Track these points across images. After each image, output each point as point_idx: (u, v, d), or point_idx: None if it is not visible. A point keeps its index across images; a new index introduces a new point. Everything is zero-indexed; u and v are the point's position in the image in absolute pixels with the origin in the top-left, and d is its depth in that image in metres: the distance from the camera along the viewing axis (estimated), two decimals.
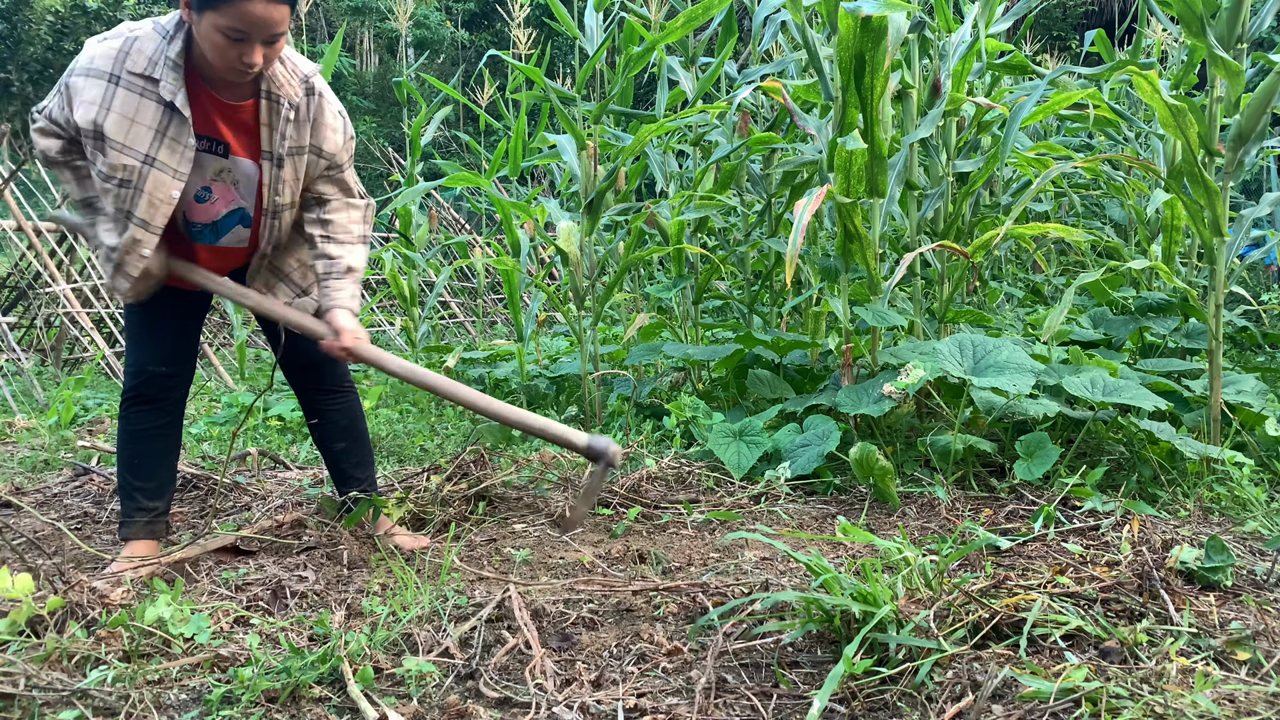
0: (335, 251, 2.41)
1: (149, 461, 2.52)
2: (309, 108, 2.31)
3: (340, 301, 2.39)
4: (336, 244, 2.42)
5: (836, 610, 1.82)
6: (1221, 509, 2.76)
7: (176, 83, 2.16)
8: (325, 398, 2.66)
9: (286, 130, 2.29)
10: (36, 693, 1.66)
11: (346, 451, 2.70)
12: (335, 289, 2.40)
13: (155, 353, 2.46)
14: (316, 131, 2.34)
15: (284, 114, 2.28)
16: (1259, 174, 8.10)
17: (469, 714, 1.66)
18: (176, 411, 2.55)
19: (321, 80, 2.36)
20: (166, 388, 2.49)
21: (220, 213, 2.36)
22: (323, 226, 2.43)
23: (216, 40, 2.08)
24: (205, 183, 2.31)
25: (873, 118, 3.18)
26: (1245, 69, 2.99)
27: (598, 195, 4.02)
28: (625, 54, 4.21)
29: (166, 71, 2.15)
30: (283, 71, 2.27)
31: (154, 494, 2.52)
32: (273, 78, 2.25)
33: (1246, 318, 5.58)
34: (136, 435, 2.50)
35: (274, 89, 2.26)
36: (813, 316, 4.21)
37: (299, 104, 2.29)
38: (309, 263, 2.54)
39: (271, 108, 2.27)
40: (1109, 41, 4.79)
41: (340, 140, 2.38)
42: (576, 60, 4.42)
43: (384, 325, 8.28)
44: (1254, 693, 1.57)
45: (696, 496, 3.08)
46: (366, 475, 2.74)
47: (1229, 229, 3.11)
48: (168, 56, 2.16)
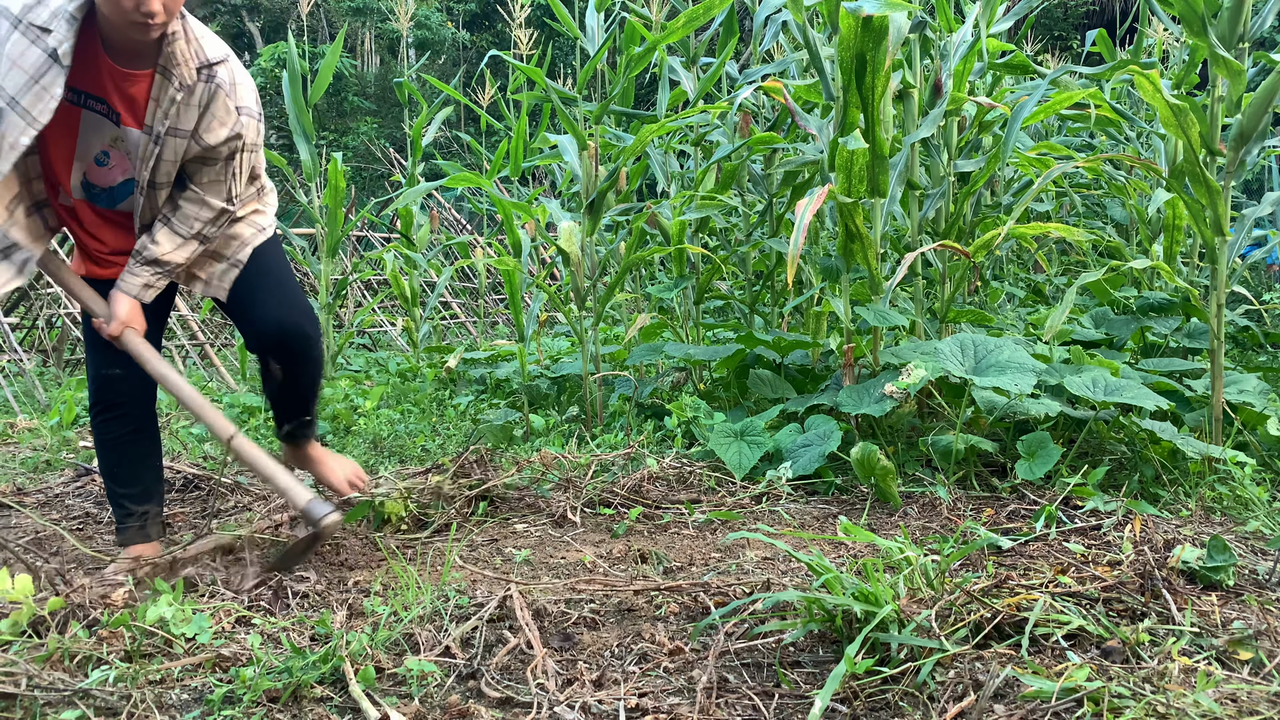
0: (160, 237, 2.34)
1: (128, 468, 2.48)
2: (202, 94, 2.24)
3: (128, 287, 2.34)
4: (168, 231, 2.35)
5: (838, 610, 1.82)
6: (1223, 508, 2.76)
7: (66, 34, 2.11)
8: (291, 363, 2.54)
9: (170, 110, 2.23)
10: (38, 693, 1.67)
11: (295, 394, 2.60)
12: (129, 271, 2.35)
13: (106, 354, 2.42)
14: (203, 120, 2.26)
15: (171, 93, 2.22)
16: (1260, 173, 8.09)
17: (470, 714, 1.66)
18: (142, 415, 2.50)
19: (229, 71, 2.28)
20: (121, 391, 2.45)
21: (117, 179, 2.34)
22: (171, 207, 2.36)
23: None
24: (104, 147, 2.29)
25: (874, 117, 3.18)
26: (1247, 68, 2.99)
27: (599, 195, 4.02)
28: (626, 54, 4.21)
29: (60, 23, 2.12)
30: (183, 50, 2.22)
31: (140, 498, 2.49)
32: (172, 54, 2.20)
33: (1248, 317, 5.57)
34: (109, 444, 2.47)
35: (170, 65, 2.21)
36: (814, 316, 4.20)
37: (190, 86, 2.23)
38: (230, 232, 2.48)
39: (163, 84, 2.22)
40: (1110, 41, 4.79)
41: (224, 134, 2.29)
42: (577, 61, 4.42)
43: (385, 325, 8.29)
44: (1256, 692, 1.56)
45: (698, 496, 3.08)
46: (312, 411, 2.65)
47: (1230, 228, 3.11)
48: (66, 10, 2.12)
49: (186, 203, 2.36)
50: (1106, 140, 5.99)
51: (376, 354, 7.01)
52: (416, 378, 5.54)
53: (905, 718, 1.58)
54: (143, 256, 2.35)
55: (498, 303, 9.51)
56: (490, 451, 3.22)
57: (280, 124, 14.85)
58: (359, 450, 3.96)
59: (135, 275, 2.35)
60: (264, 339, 2.49)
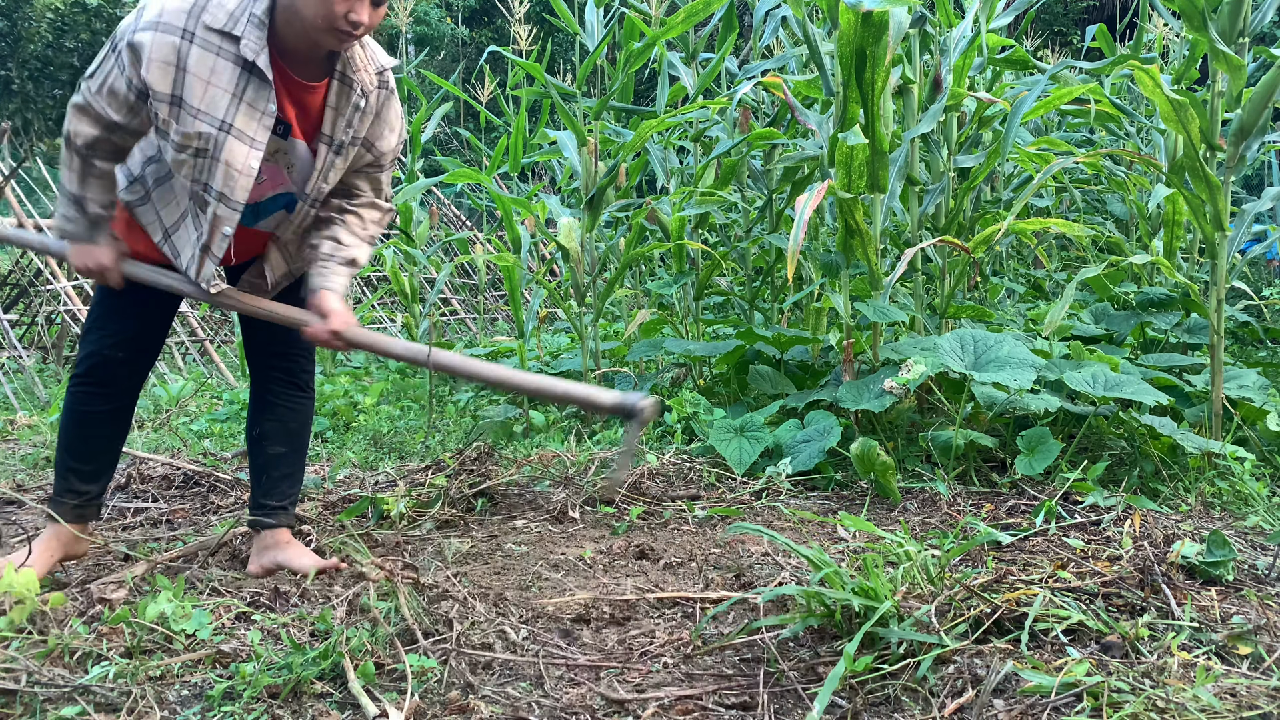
0: (346, 239, 2.28)
1: (90, 444, 2.36)
2: (378, 100, 2.19)
3: (332, 284, 2.24)
4: (350, 233, 2.29)
5: (838, 605, 1.82)
6: (1223, 504, 2.76)
7: (260, 42, 1.99)
8: (286, 391, 2.47)
9: (354, 118, 2.17)
10: (38, 689, 1.67)
11: (282, 459, 2.48)
12: (332, 272, 2.25)
13: (115, 337, 2.29)
14: (376, 127, 2.22)
15: (354, 100, 2.15)
16: (1260, 169, 8.09)
17: (470, 710, 1.66)
18: (127, 398, 2.38)
19: (393, 77, 2.24)
20: (119, 374, 2.32)
21: (265, 194, 2.22)
22: (342, 215, 2.30)
23: None
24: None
25: (874, 113, 3.18)
26: (1247, 63, 2.99)
27: (598, 191, 4.02)
28: (626, 50, 4.21)
29: (250, 29, 1.98)
30: (361, 56, 2.15)
31: (89, 477, 2.36)
32: (350, 60, 2.12)
33: (1248, 313, 5.57)
34: (81, 416, 2.33)
35: (350, 72, 2.13)
36: (814, 312, 4.20)
37: (371, 93, 2.17)
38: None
39: (343, 91, 2.14)
40: (1110, 36, 4.78)
41: (394, 142, 2.28)
42: (577, 56, 4.42)
43: (385, 322, 8.29)
44: (1255, 687, 1.57)
45: (698, 492, 3.08)
46: (293, 492, 2.50)
47: (1230, 224, 3.10)
48: (253, 13, 1.99)
49: (361, 208, 2.31)
50: (1106, 136, 5.99)
51: None
52: (416, 374, 5.54)
53: (905, 712, 1.58)
54: (339, 258, 2.26)
55: (497, 299, 9.51)
56: (490, 448, 3.22)
57: None
58: (359, 446, 3.96)
59: (339, 275, 2.26)
60: (270, 346, 2.43)
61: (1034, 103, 3.36)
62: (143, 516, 3.02)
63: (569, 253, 4.00)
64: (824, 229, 4.40)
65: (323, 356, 5.95)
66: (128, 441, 3.79)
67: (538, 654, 1.89)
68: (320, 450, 3.96)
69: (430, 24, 17.88)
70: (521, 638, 1.97)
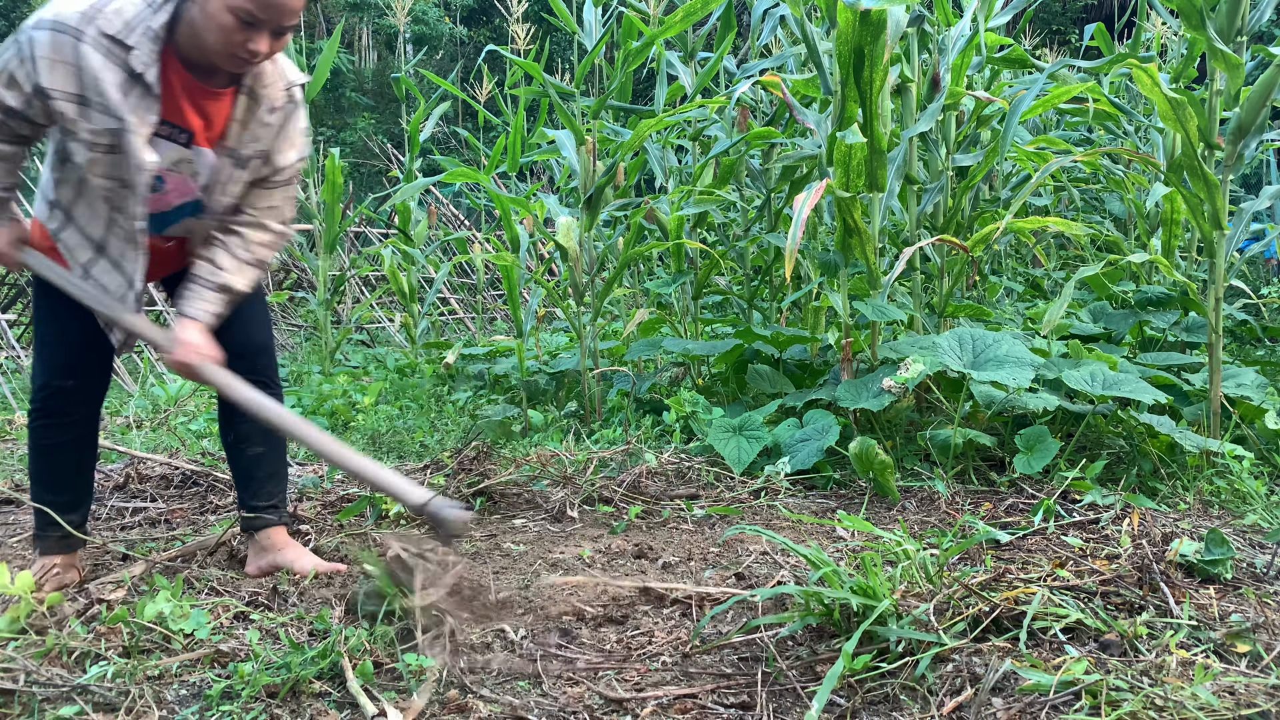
0: (224, 263, 2.22)
1: (60, 476, 2.36)
2: (284, 115, 2.18)
3: (194, 313, 2.19)
4: (230, 256, 2.23)
5: (836, 604, 1.82)
6: (1221, 502, 2.76)
7: (151, 56, 1.98)
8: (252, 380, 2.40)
9: (260, 133, 2.15)
10: (36, 688, 1.66)
11: (262, 459, 2.46)
12: (198, 298, 2.21)
13: (59, 365, 2.30)
14: (279, 141, 2.19)
15: (260, 115, 2.14)
16: (1258, 168, 8.09)
17: (468, 709, 1.66)
18: (87, 426, 2.38)
19: (301, 93, 2.22)
20: (71, 402, 2.32)
21: (172, 204, 2.20)
22: (226, 235, 2.24)
23: (225, 21, 1.92)
24: (160, 171, 2.13)
25: (872, 112, 3.18)
26: (1245, 62, 2.99)
27: (597, 191, 4.02)
28: (624, 49, 4.20)
29: (144, 41, 1.97)
30: (271, 71, 2.14)
31: (67, 508, 2.34)
32: (260, 74, 2.11)
33: (1246, 311, 5.57)
34: (44, 450, 2.35)
35: (259, 87, 2.12)
36: (812, 311, 4.20)
37: (278, 108, 2.16)
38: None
39: (250, 106, 2.13)
40: (1108, 35, 4.79)
41: (293, 157, 2.23)
42: (575, 55, 4.41)
43: (383, 321, 8.28)
44: (1254, 685, 1.57)
45: (696, 491, 3.08)
46: (279, 490, 2.49)
47: (1229, 222, 3.11)
48: (150, 26, 1.97)
49: (245, 227, 2.25)
50: (1105, 135, 5.99)
51: (375, 350, 7.01)
52: (415, 374, 5.54)
53: (904, 711, 1.58)
54: (213, 283, 2.21)
55: (496, 298, 9.51)
56: (489, 447, 3.22)
57: None
58: (358, 445, 3.96)
59: (207, 302, 2.20)
60: (230, 351, 2.33)
61: (1032, 101, 3.36)
62: (141, 516, 3.02)
63: (567, 252, 4.00)
64: (822, 228, 4.40)
65: (321, 355, 5.95)
66: (126, 441, 3.79)
67: (536, 653, 1.89)
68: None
69: (428, 23, 17.87)
70: (520, 637, 1.97)
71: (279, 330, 8.23)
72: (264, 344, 2.44)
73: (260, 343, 2.42)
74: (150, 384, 5.70)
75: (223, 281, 2.22)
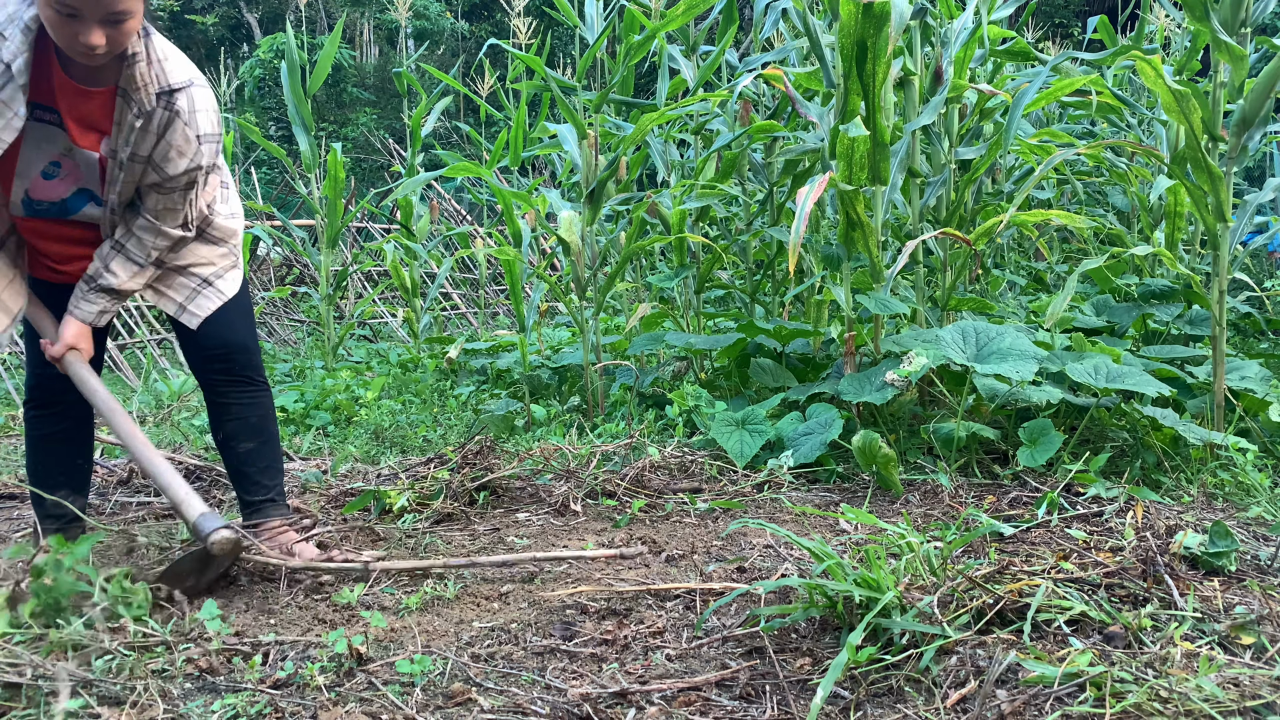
0: (115, 266, 2.25)
1: (55, 466, 2.39)
2: (159, 121, 2.13)
3: (82, 314, 2.26)
4: (124, 260, 2.26)
5: (840, 596, 1.82)
6: (1225, 495, 2.76)
7: (20, 46, 2.01)
8: (235, 389, 2.44)
9: (130, 135, 2.13)
10: (42, 682, 1.67)
11: (253, 454, 2.47)
12: (83, 299, 2.27)
13: (44, 357, 2.32)
14: (161, 148, 2.16)
15: (129, 119, 2.12)
16: (1262, 160, 8.07)
17: (471, 701, 1.66)
18: (79, 416, 2.41)
19: (189, 98, 2.16)
20: (58, 391, 2.35)
21: (68, 191, 2.22)
22: (126, 233, 2.26)
23: (50, 15, 1.94)
24: (55, 157, 2.17)
25: (875, 105, 3.17)
26: (1249, 54, 2.98)
27: (599, 185, 4.01)
28: (626, 42, 4.20)
29: (15, 33, 2.00)
30: (144, 73, 2.10)
31: (64, 499, 2.38)
32: (133, 75, 2.09)
33: (1250, 304, 5.56)
34: (39, 440, 2.38)
35: (130, 89, 2.10)
36: (815, 305, 4.20)
37: (149, 112, 2.12)
38: (205, 256, 2.39)
39: (123, 106, 2.12)
40: (1112, 28, 4.77)
41: (183, 166, 2.18)
42: (577, 49, 4.41)
43: (386, 316, 8.28)
44: (1258, 677, 1.56)
45: (700, 485, 3.08)
46: (275, 483, 2.50)
47: (1232, 215, 3.10)
48: (21, 18, 2.01)
49: (142, 231, 2.26)
50: (1108, 127, 5.97)
51: (377, 345, 7.01)
52: (417, 368, 5.54)
53: (908, 702, 1.58)
54: (97, 285, 2.26)
55: (498, 293, 9.50)
56: (492, 441, 3.22)
57: (279, 115, 14.81)
58: (360, 441, 3.96)
59: (90, 303, 2.27)
60: (207, 353, 2.40)
61: (1035, 94, 3.35)
62: (145, 510, 3.02)
63: (570, 246, 4.00)
64: (825, 222, 4.39)
65: (324, 351, 5.95)
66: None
67: (539, 646, 1.89)
68: (322, 444, 3.97)
69: (430, 18, 17.84)
70: (523, 629, 1.97)
71: (281, 325, 8.23)
72: (242, 343, 2.43)
73: (238, 342, 2.41)
74: (154, 380, 5.70)
75: (109, 284, 2.26)
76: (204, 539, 2.09)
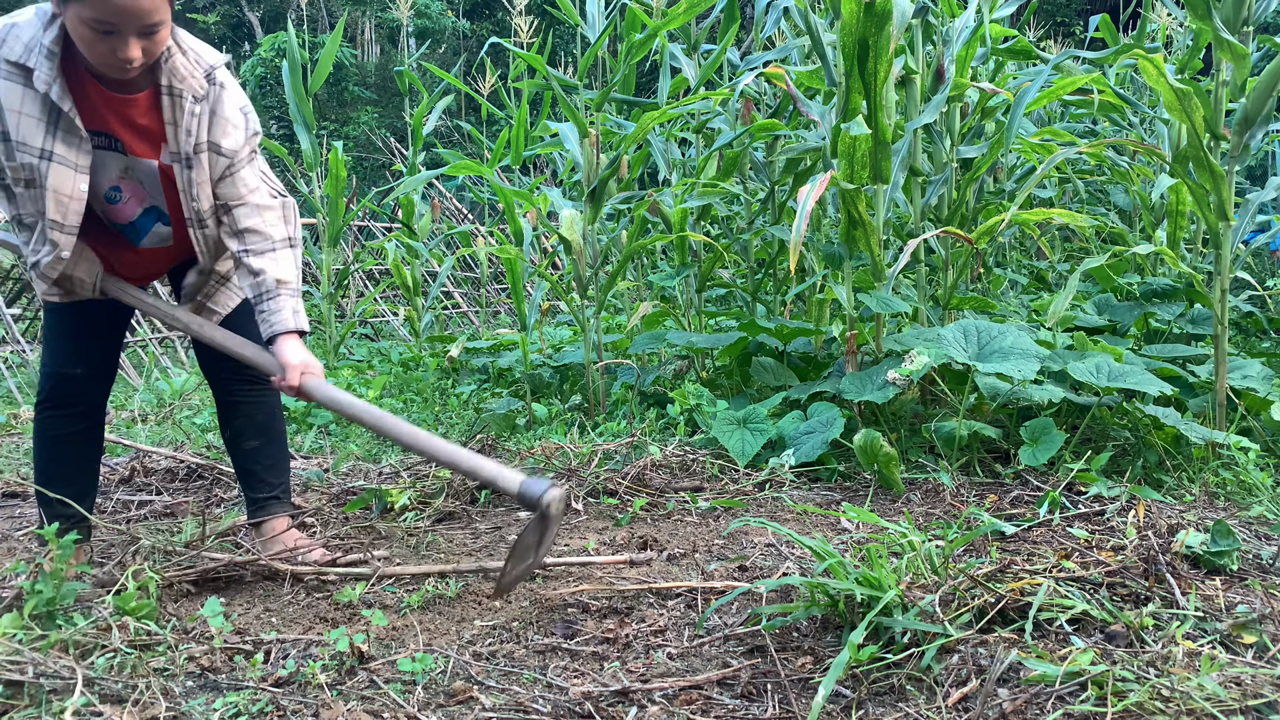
0: (258, 265, 2.19)
1: (66, 467, 2.37)
2: (213, 99, 2.13)
3: (281, 325, 2.17)
4: (257, 256, 2.20)
5: (841, 595, 1.82)
6: (1227, 494, 2.76)
7: (51, 73, 1.97)
8: (243, 387, 2.44)
9: (192, 125, 2.11)
10: (44, 680, 1.67)
11: (260, 451, 2.47)
12: (272, 311, 2.18)
13: (69, 354, 2.32)
14: (215, 125, 2.13)
15: (188, 108, 2.10)
16: (1264, 159, 8.06)
17: (472, 700, 1.66)
18: (94, 417, 2.39)
19: (227, 73, 2.17)
20: (78, 391, 2.34)
21: (135, 213, 2.22)
22: (239, 239, 2.21)
23: (85, 34, 1.90)
24: (114, 181, 2.17)
25: (876, 103, 3.17)
26: (1251, 52, 2.97)
27: (600, 183, 4.01)
28: (627, 41, 4.19)
29: (41, 60, 1.96)
30: (184, 63, 2.09)
31: (72, 500, 2.34)
32: (174, 70, 2.07)
33: (1251, 303, 5.55)
34: (51, 440, 2.35)
35: (175, 82, 2.08)
36: (816, 304, 4.20)
37: (203, 96, 2.11)
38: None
39: (175, 103, 2.09)
40: (1114, 26, 4.76)
41: (242, 137, 2.18)
42: (578, 48, 4.41)
43: (387, 315, 8.29)
44: (1260, 676, 1.56)
45: (701, 484, 3.08)
46: (280, 481, 2.50)
47: (1234, 214, 3.10)
48: (43, 44, 1.97)
49: (247, 219, 2.20)
50: (1110, 126, 5.97)
51: (379, 344, 7.01)
52: (419, 367, 5.54)
53: (909, 701, 1.58)
54: (266, 289, 2.18)
55: (500, 292, 9.50)
56: (493, 440, 3.22)
57: (281, 114, 14.81)
58: (361, 440, 3.96)
59: (280, 311, 2.17)
60: (213, 349, 2.37)
61: (1037, 93, 3.34)
62: (147, 509, 3.03)
63: (571, 245, 4.00)
64: (826, 220, 4.39)
65: (325, 350, 5.95)
66: (131, 435, 3.80)
67: (541, 644, 1.89)
68: (324, 443, 3.97)
69: (431, 17, 17.85)
70: (525, 628, 1.97)
71: None
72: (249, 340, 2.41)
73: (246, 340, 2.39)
74: (155, 378, 5.71)
75: (274, 278, 2.18)
76: (538, 504, 1.96)
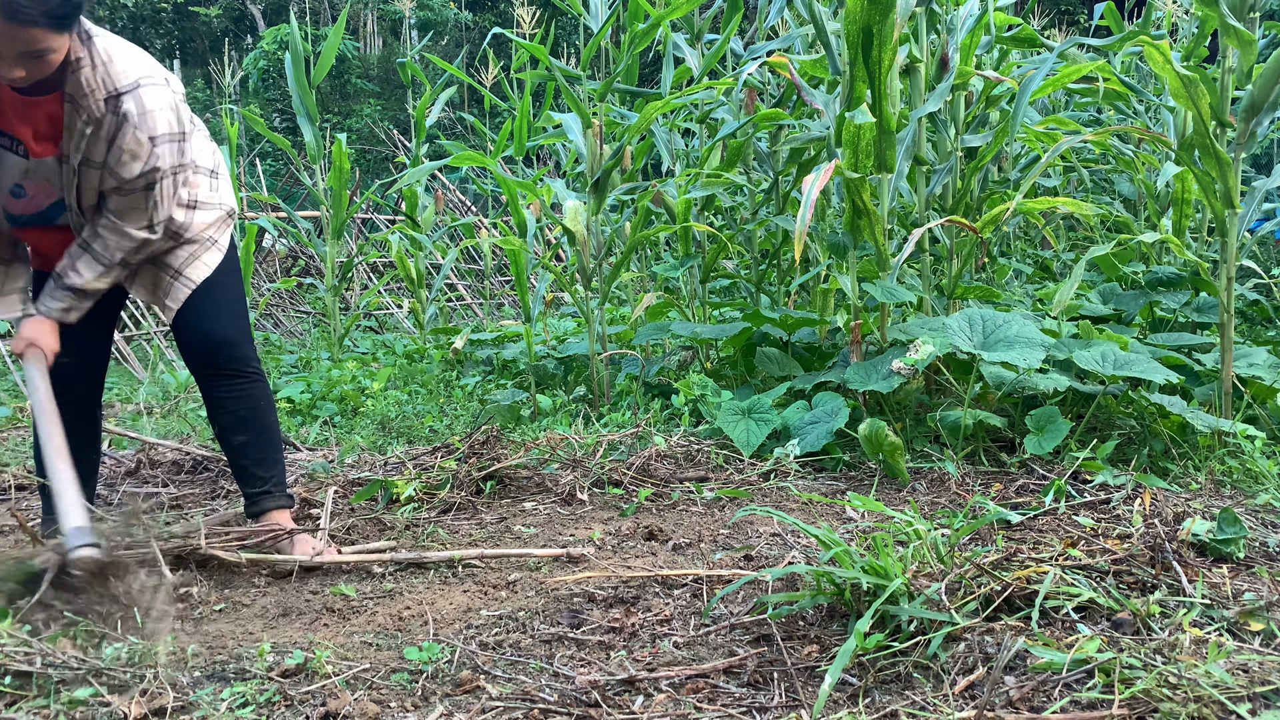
0: (81, 267, 2.26)
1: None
2: (109, 127, 2.12)
3: (42, 309, 2.28)
4: (89, 260, 2.27)
5: (847, 583, 1.82)
6: (1233, 482, 2.75)
7: None
8: (221, 383, 2.42)
9: (80, 142, 2.13)
10: (53, 670, 1.67)
11: (247, 446, 2.45)
12: (49, 295, 2.29)
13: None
14: (113, 153, 2.14)
15: (79, 125, 2.11)
16: (1270, 147, 8.03)
17: (479, 689, 1.66)
18: (87, 405, 2.42)
19: (138, 100, 2.12)
20: (70, 379, 2.37)
21: (43, 205, 2.27)
22: (91, 239, 2.27)
23: None
24: (16, 181, 2.21)
25: (881, 92, 3.15)
26: (1257, 39, 2.96)
27: (604, 174, 4.01)
28: (630, 31, 4.18)
29: None
30: (89, 78, 2.08)
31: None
32: (78, 81, 2.08)
33: (1257, 291, 5.53)
34: None
35: (77, 95, 2.09)
36: (821, 294, 4.19)
37: (99, 118, 2.11)
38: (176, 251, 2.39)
39: (72, 112, 2.11)
40: (1118, 14, 4.74)
41: (137, 170, 2.17)
42: (581, 38, 4.40)
43: (392, 307, 8.29)
44: (1267, 663, 1.56)
45: (706, 474, 3.08)
46: (272, 474, 2.48)
47: (1240, 202, 3.08)
48: None
49: (105, 231, 2.26)
50: (1115, 114, 5.94)
51: (383, 336, 7.01)
52: (423, 359, 5.55)
53: (916, 689, 1.58)
54: (63, 283, 2.27)
55: (504, 284, 9.49)
56: (498, 431, 3.22)
57: (284, 107, 14.81)
58: (367, 431, 3.97)
59: (55, 300, 2.28)
60: (191, 348, 2.39)
61: (1042, 81, 3.32)
62: (152, 501, 3.03)
63: (575, 236, 3.99)
64: (831, 210, 4.38)
65: (330, 342, 5.96)
66: (137, 427, 3.80)
67: (547, 634, 1.89)
68: (329, 435, 3.97)
69: (433, 9, 17.80)
70: (531, 617, 1.98)
71: (287, 317, 8.24)
72: (225, 337, 2.41)
73: (219, 334, 2.40)
74: (160, 371, 5.72)
75: (72, 284, 2.27)
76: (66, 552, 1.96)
